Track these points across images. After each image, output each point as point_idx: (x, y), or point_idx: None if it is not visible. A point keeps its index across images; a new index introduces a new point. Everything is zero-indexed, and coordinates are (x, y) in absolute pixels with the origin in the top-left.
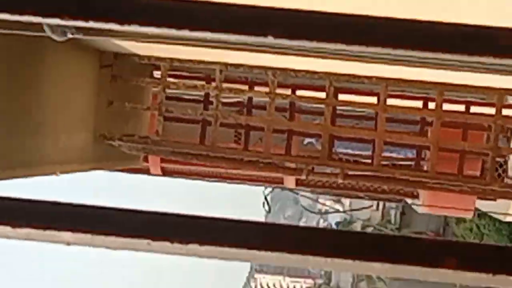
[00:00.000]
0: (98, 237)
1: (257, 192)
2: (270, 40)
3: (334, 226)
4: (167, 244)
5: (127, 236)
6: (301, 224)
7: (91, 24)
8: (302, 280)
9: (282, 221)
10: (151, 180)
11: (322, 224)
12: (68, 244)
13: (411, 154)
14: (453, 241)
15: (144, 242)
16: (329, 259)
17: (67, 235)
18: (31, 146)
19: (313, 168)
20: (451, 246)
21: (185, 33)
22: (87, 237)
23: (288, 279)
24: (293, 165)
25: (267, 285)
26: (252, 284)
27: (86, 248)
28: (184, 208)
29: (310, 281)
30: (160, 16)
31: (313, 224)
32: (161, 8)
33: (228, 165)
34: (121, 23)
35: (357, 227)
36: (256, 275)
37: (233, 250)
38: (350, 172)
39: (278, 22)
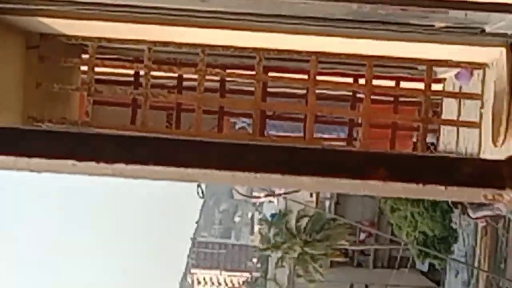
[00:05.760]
0: (21, 160)
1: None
2: None
3: (269, 218)
4: (92, 164)
5: (51, 158)
6: (237, 218)
7: None
8: (239, 274)
9: (217, 215)
10: None
11: (257, 217)
12: None
13: (343, 134)
14: (382, 153)
15: (69, 163)
16: (258, 174)
17: None
18: None
19: None
20: (380, 157)
21: None
22: (10, 160)
23: (225, 273)
24: None
25: (204, 279)
26: (189, 280)
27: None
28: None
29: (247, 274)
30: None
31: (248, 217)
32: None
33: None
34: None
35: (292, 218)
36: (193, 270)
37: (159, 169)
38: None
39: None
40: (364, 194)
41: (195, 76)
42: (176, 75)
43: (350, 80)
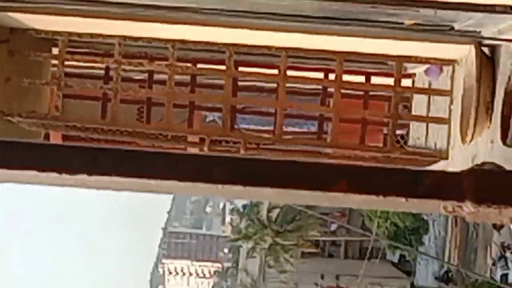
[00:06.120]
0: None
1: None
2: None
3: (240, 209)
4: (54, 175)
5: (13, 168)
6: (208, 208)
7: None
8: (210, 264)
9: (188, 205)
10: None
11: (229, 207)
12: None
13: (313, 127)
14: (344, 165)
15: (31, 174)
16: (220, 186)
17: None
18: None
19: (215, 141)
20: (342, 169)
21: None
22: None
23: (196, 263)
24: (196, 139)
25: (175, 270)
26: (160, 270)
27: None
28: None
29: (218, 265)
30: None
31: (219, 207)
32: None
33: (130, 139)
34: None
35: (264, 209)
36: (164, 261)
37: (122, 180)
38: (253, 146)
39: None
40: (325, 205)
41: (166, 70)
42: (146, 69)
43: (320, 74)
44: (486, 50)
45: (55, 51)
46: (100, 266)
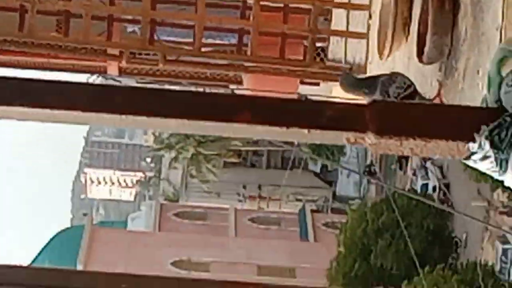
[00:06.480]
0: None
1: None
2: None
3: None
4: None
5: None
6: None
7: None
8: (132, 173)
9: None
10: None
11: None
12: None
13: (234, 40)
14: (247, 96)
15: None
16: (123, 116)
17: None
18: None
19: (134, 54)
20: (245, 101)
21: None
22: None
23: (118, 172)
24: (116, 52)
25: (97, 179)
26: (82, 179)
27: None
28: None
29: (140, 174)
30: None
31: None
32: None
33: (48, 51)
34: None
35: None
36: (86, 170)
37: (25, 110)
38: (172, 58)
39: None
40: (229, 136)
41: None
42: None
43: None
44: None
45: None
46: (26, 179)
